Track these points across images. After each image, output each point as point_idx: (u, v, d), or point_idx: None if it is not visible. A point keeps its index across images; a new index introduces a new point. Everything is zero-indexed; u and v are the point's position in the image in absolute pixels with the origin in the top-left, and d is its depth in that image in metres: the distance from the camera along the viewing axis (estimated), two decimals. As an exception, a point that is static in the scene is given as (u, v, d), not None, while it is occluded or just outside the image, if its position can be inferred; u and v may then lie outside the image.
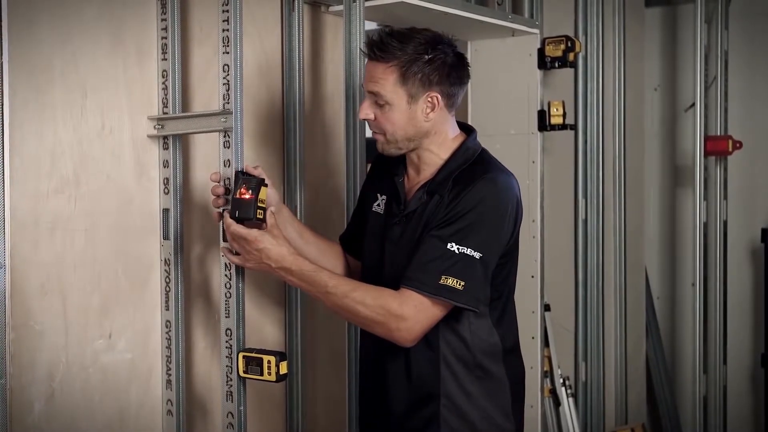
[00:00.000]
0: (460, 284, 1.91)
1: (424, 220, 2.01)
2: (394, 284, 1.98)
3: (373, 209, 2.18)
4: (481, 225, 1.94)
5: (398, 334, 1.95)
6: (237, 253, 2.06)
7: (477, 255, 1.93)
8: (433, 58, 1.98)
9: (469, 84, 3.43)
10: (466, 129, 2.14)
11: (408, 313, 1.93)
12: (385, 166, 2.18)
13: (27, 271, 2.03)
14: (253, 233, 2.00)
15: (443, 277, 1.91)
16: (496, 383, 2.06)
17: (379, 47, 1.98)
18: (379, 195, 2.18)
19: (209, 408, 2.46)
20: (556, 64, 3.27)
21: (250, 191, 2.01)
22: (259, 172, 2.08)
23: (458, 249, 1.92)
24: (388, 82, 1.98)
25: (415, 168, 2.11)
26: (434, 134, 2.05)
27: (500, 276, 2.04)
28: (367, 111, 2.04)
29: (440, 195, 2.00)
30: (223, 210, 2.09)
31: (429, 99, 2.00)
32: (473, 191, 1.95)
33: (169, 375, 2.32)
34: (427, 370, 2.03)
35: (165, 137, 2.30)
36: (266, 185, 2.04)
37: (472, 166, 2.03)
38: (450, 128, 2.09)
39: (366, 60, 2.05)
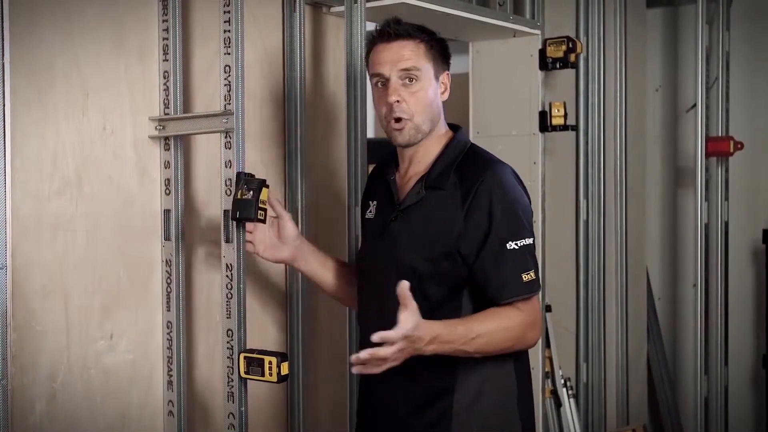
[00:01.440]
0: (533, 274, 1.99)
1: (435, 215, 2.01)
2: (396, 281, 1.96)
3: (366, 217, 2.20)
4: (515, 215, 1.98)
5: (532, 342, 2.03)
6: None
7: (530, 240, 2.00)
8: (440, 38, 2.08)
9: (471, 85, 3.47)
10: (453, 127, 2.16)
11: (531, 319, 1.99)
12: (376, 175, 2.21)
13: (28, 272, 2.04)
14: (408, 328, 1.81)
15: (524, 275, 1.97)
16: (506, 380, 2.07)
17: (404, 25, 2.05)
18: (370, 202, 2.19)
19: (210, 409, 2.46)
20: (558, 65, 3.27)
21: (251, 192, 2.01)
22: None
23: (517, 244, 1.97)
24: (420, 56, 2.03)
25: (407, 163, 2.11)
26: (438, 123, 2.09)
27: None
28: (400, 92, 2.02)
29: (445, 189, 2.01)
30: (224, 211, 2.09)
31: (443, 78, 2.08)
32: (485, 188, 1.97)
33: (171, 376, 2.32)
34: (441, 367, 2.01)
35: (166, 138, 2.30)
36: (267, 186, 2.04)
37: (470, 160, 2.05)
38: (443, 121, 2.12)
39: (380, 46, 2.05)
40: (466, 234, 1.97)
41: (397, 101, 2.01)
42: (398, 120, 2.03)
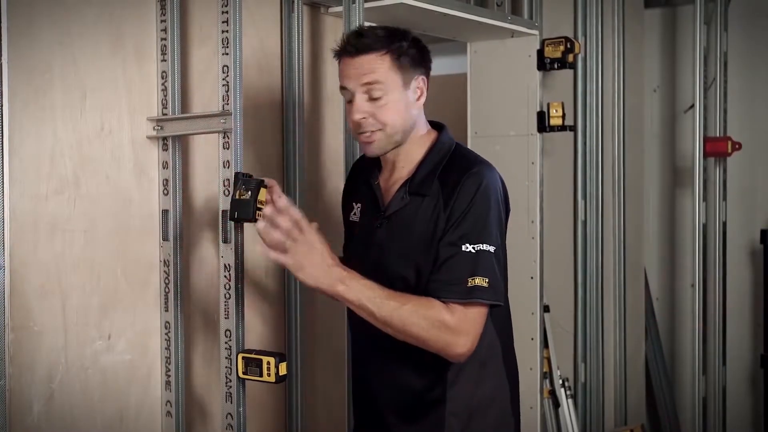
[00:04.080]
0: (485, 281, 1.89)
1: (417, 222, 1.98)
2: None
3: (350, 219, 2.17)
4: (484, 220, 1.93)
5: (454, 350, 1.89)
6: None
7: (492, 249, 1.91)
8: (411, 43, 2.01)
9: (469, 85, 3.47)
10: (437, 126, 2.12)
11: (459, 325, 1.88)
12: (358, 173, 2.17)
13: (26, 272, 2.03)
14: (305, 220, 1.90)
15: (470, 279, 1.89)
16: (498, 383, 2.06)
17: (367, 38, 1.98)
18: (354, 204, 2.17)
19: (208, 409, 2.46)
20: (556, 66, 3.27)
21: (249, 192, 2.01)
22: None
23: (473, 248, 1.90)
24: (383, 69, 1.96)
25: (390, 168, 2.09)
26: (415, 128, 2.04)
27: None
28: (363, 109, 1.98)
29: (428, 195, 1.98)
30: (222, 211, 2.09)
31: (417, 83, 2.01)
32: (465, 190, 1.93)
33: (169, 376, 2.32)
34: (433, 373, 2.01)
35: (164, 138, 2.30)
36: (265, 186, 2.04)
37: (454, 163, 2.01)
38: (423, 124, 2.08)
39: (345, 60, 1.99)
40: None
41: (363, 119, 1.98)
42: (368, 133, 2.00)
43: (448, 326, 1.88)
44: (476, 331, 1.91)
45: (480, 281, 1.89)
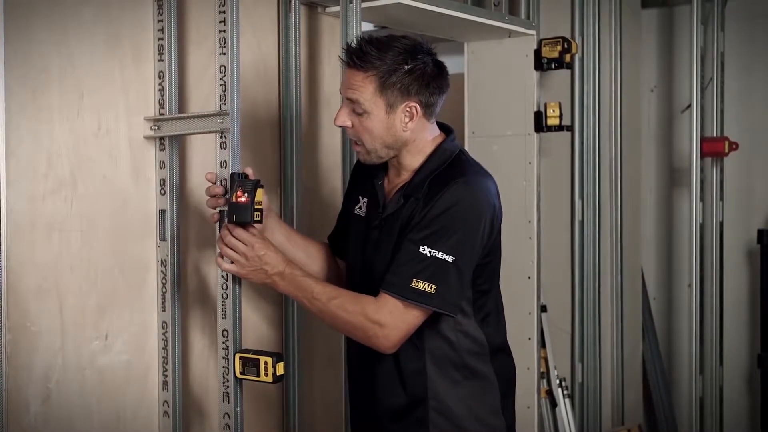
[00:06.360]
0: (431, 288, 1.91)
1: (399, 223, 2.01)
2: (376, 288, 1.98)
3: (355, 212, 2.18)
4: (453, 229, 1.93)
5: (376, 341, 1.96)
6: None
7: (449, 258, 1.92)
8: (412, 68, 1.97)
9: (466, 85, 3.47)
10: (446, 129, 2.12)
11: (384, 318, 1.93)
12: (366, 168, 2.18)
13: (23, 273, 2.03)
14: (257, 238, 2.00)
15: (414, 281, 1.91)
16: (485, 382, 2.06)
17: (358, 56, 1.96)
18: (360, 198, 2.17)
19: (206, 409, 2.46)
20: (553, 66, 3.27)
21: (247, 194, 2.00)
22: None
23: (430, 252, 1.92)
24: (366, 91, 1.97)
25: (395, 171, 2.10)
26: (413, 142, 2.04)
27: (483, 275, 2.04)
28: (344, 118, 2.02)
29: (416, 198, 2.00)
30: (220, 211, 2.09)
31: (407, 109, 1.99)
32: (447, 195, 1.94)
33: (166, 376, 2.32)
34: (415, 372, 2.03)
35: (161, 138, 2.30)
36: (262, 186, 2.04)
37: (449, 169, 2.01)
38: (428, 134, 2.07)
39: (346, 66, 2.01)
40: None
41: (345, 126, 2.03)
42: (352, 141, 2.06)
43: (368, 317, 1.94)
44: (402, 327, 1.95)
45: (424, 286, 1.92)
